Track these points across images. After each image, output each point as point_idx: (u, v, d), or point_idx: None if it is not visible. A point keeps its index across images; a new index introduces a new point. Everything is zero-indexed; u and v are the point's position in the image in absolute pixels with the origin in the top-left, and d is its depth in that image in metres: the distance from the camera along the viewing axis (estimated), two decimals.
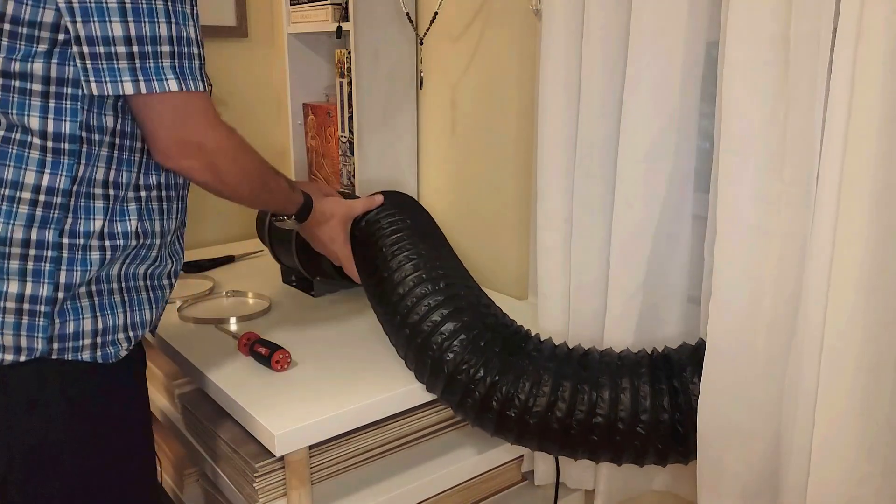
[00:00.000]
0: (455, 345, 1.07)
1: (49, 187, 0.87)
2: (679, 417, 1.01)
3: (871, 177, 0.79)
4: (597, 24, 1.07)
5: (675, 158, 1.07)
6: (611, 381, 1.03)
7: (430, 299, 1.11)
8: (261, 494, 1.10)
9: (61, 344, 0.90)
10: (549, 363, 1.06)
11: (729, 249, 0.95)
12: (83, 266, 0.90)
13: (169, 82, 0.86)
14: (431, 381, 1.11)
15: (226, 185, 0.99)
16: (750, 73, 0.89)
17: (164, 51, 0.86)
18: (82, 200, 0.90)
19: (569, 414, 1.02)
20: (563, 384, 1.03)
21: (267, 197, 1.10)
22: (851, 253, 0.82)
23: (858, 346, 0.83)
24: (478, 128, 1.54)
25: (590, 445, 1.04)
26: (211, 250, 1.85)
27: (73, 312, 0.91)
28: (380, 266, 1.18)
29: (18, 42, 0.84)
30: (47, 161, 0.87)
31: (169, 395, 1.41)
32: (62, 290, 0.89)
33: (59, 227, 0.88)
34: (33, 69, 0.84)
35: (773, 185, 0.90)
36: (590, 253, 1.17)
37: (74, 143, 0.87)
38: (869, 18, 0.77)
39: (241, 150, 0.99)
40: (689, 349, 1.06)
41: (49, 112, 0.86)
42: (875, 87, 0.77)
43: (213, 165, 0.95)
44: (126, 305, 0.97)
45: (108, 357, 0.95)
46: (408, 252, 1.17)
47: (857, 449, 0.85)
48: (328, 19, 1.63)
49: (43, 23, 0.83)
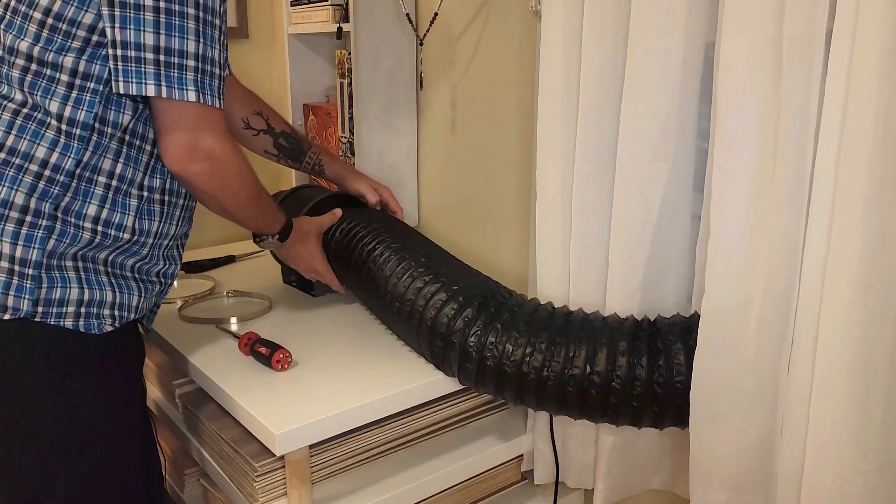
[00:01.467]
0: (437, 303, 1.14)
1: (56, 164, 0.95)
2: (658, 378, 1.02)
3: (866, 176, 0.80)
4: (596, 25, 1.07)
5: (674, 158, 1.07)
6: (588, 336, 1.06)
7: (414, 272, 1.20)
8: (261, 494, 1.10)
9: (46, 308, 0.96)
10: (528, 317, 1.10)
11: (721, 248, 0.96)
12: (72, 241, 0.97)
13: (189, 93, 0.94)
14: (421, 342, 1.18)
15: (227, 194, 1.05)
16: (743, 73, 0.90)
17: (189, 65, 0.94)
18: (84, 184, 0.97)
19: (544, 366, 1.05)
20: (539, 336, 1.07)
21: (258, 211, 1.15)
22: (846, 251, 0.83)
23: (852, 344, 0.84)
24: (478, 128, 1.54)
25: (566, 399, 1.06)
26: (212, 250, 1.86)
27: (60, 280, 0.97)
28: (370, 265, 1.27)
29: (56, 35, 0.93)
30: (60, 141, 0.95)
31: (169, 394, 1.41)
32: (49, 257, 0.95)
33: (57, 203, 0.95)
34: (64, 62, 0.93)
35: (766, 184, 0.91)
36: (589, 252, 1.17)
37: (86, 130, 0.95)
38: (864, 18, 0.77)
39: (245, 163, 1.06)
40: (681, 319, 1.08)
41: (70, 100, 0.94)
42: (870, 87, 0.78)
43: (220, 173, 1.02)
44: (114, 287, 1.03)
45: (90, 328, 1.00)
46: (388, 245, 1.27)
47: (851, 446, 0.86)
48: (328, 20, 1.64)
49: (82, 23, 0.92)
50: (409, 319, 1.18)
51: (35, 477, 0.98)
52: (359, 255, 1.29)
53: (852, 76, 0.80)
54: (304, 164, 1.48)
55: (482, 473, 1.31)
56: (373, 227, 1.33)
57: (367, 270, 1.27)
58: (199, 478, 1.46)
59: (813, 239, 0.87)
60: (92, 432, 1.01)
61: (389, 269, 1.23)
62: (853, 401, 0.85)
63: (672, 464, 1.23)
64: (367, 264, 1.27)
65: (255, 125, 1.42)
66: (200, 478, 1.46)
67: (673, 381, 1.02)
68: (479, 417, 1.35)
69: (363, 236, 1.31)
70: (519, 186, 1.46)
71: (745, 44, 0.89)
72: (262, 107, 1.43)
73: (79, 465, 1.00)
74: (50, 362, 0.97)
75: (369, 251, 1.28)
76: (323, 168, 1.50)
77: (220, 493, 1.31)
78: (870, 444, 0.86)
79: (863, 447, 0.86)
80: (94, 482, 1.02)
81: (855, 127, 0.80)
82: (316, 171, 1.50)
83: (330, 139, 1.80)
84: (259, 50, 2.05)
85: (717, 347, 0.98)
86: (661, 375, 1.02)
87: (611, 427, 1.19)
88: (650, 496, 1.34)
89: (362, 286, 1.29)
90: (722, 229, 0.96)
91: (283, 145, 1.45)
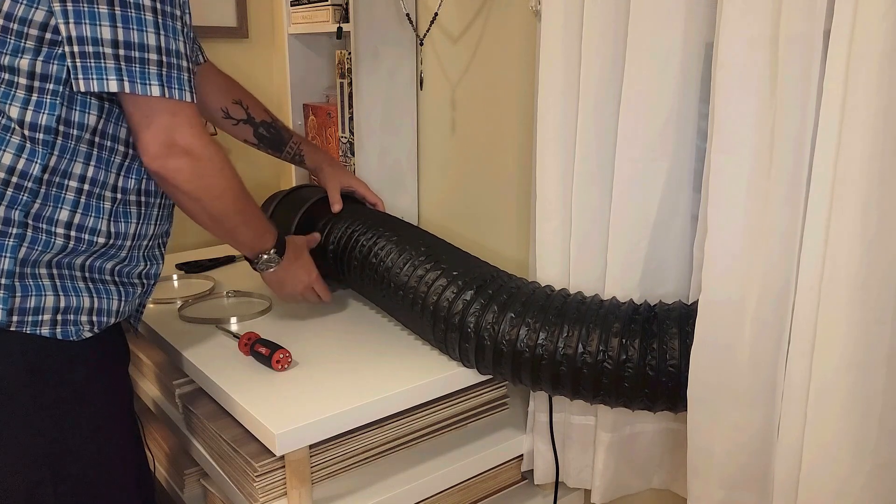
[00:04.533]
0: (438, 289, 1.16)
1: (23, 171, 0.91)
2: (650, 361, 1.03)
3: (864, 175, 0.80)
4: (596, 25, 1.07)
5: (673, 158, 1.07)
6: (582, 318, 1.06)
7: (415, 261, 1.21)
8: (261, 494, 1.10)
9: (20, 317, 0.93)
10: (525, 299, 1.11)
11: (718, 247, 0.97)
12: (45, 248, 0.94)
13: (152, 87, 0.90)
14: (425, 328, 1.20)
15: (211, 195, 1.01)
16: (741, 73, 0.91)
17: (151, 58, 0.90)
18: (53, 189, 0.94)
19: (538, 345, 1.06)
20: (535, 316, 1.08)
21: (246, 217, 1.10)
22: (842, 251, 0.83)
23: (850, 344, 0.84)
24: (478, 128, 1.54)
25: (559, 378, 1.07)
26: (212, 250, 1.86)
27: (35, 288, 0.94)
28: (372, 260, 1.28)
29: (9, 37, 0.89)
30: (25, 147, 0.91)
31: (169, 394, 1.41)
32: (21, 265, 0.93)
33: (26, 210, 0.92)
34: (20, 64, 0.89)
35: (763, 183, 0.91)
36: (588, 252, 1.17)
37: (49, 133, 0.91)
38: (862, 19, 0.77)
39: (227, 164, 1.02)
40: (680, 305, 1.09)
41: (30, 104, 0.90)
42: (868, 86, 0.78)
43: (201, 170, 0.98)
44: (92, 293, 1.00)
45: (67, 335, 0.97)
46: (388, 239, 1.28)
47: (848, 445, 0.86)
48: (328, 20, 1.64)
49: (33, 21, 0.88)
50: (413, 306, 1.20)
51: (23, 488, 0.96)
52: (359, 252, 1.31)
53: (850, 76, 0.80)
54: (284, 154, 1.48)
55: (482, 473, 1.31)
56: (370, 224, 1.34)
57: (369, 265, 1.28)
58: (199, 478, 1.46)
59: (810, 238, 0.87)
60: (79, 440, 0.99)
61: (391, 260, 1.25)
62: (851, 399, 0.85)
63: (671, 463, 1.23)
64: (368, 259, 1.29)
65: (235, 114, 1.40)
66: (200, 478, 1.46)
67: (666, 365, 1.03)
68: (479, 417, 1.35)
69: (362, 233, 1.33)
70: (519, 186, 1.46)
71: (743, 43, 0.90)
72: (242, 95, 1.41)
73: (67, 474, 0.98)
74: (31, 372, 0.95)
75: (370, 246, 1.29)
76: (303, 158, 1.49)
77: (220, 493, 1.31)
78: (867, 443, 0.86)
79: (860, 446, 0.86)
80: (84, 490, 1.00)
81: (852, 126, 0.80)
82: (297, 160, 1.50)
83: (330, 139, 1.80)
84: (259, 50, 2.04)
85: (713, 345, 0.99)
86: (654, 358, 1.03)
87: (610, 426, 1.19)
88: (649, 495, 1.34)
89: (367, 281, 1.31)
90: (719, 228, 0.96)
91: (264, 135, 1.44)
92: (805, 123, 0.86)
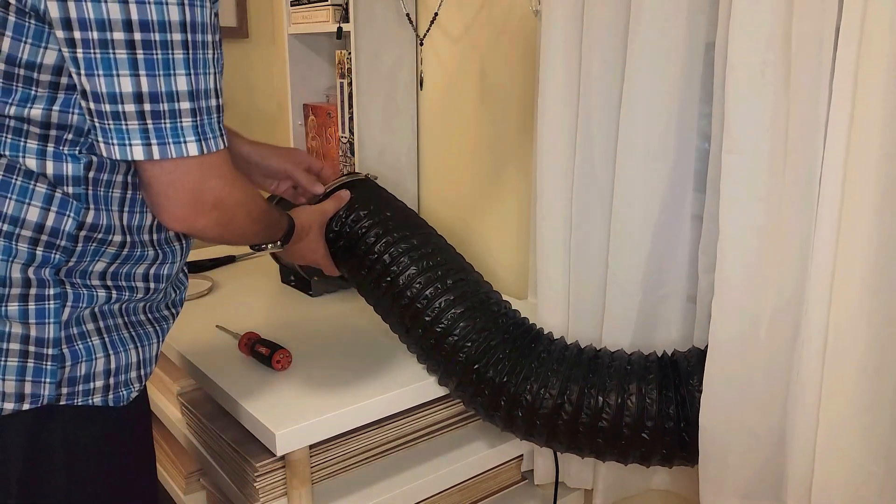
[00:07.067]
0: (467, 345, 1.08)
1: (53, 228, 0.78)
2: (685, 427, 1.02)
3: (875, 176, 0.79)
4: (596, 25, 1.07)
5: (674, 158, 1.07)
6: (618, 386, 1.03)
7: (441, 300, 1.10)
8: (261, 494, 1.10)
9: (71, 388, 0.81)
10: (557, 365, 1.06)
11: (731, 249, 0.95)
12: (89, 303, 0.82)
13: (188, 146, 0.74)
14: (444, 379, 1.13)
15: (236, 235, 0.89)
16: (752, 73, 0.89)
17: (182, 108, 0.74)
18: (92, 245, 0.82)
19: (575, 417, 1.03)
20: (570, 387, 1.04)
21: (263, 232, 1.00)
22: (855, 253, 0.82)
23: (862, 346, 0.83)
24: (478, 128, 1.54)
25: (596, 447, 1.04)
26: (212, 250, 1.85)
27: (85, 352, 0.82)
28: (379, 272, 1.15)
29: (15, 84, 0.73)
30: (55, 198, 0.77)
31: (169, 394, 1.41)
32: (66, 328, 0.80)
33: (58, 267, 0.80)
34: (31, 115, 0.74)
35: (775, 185, 0.90)
36: (589, 253, 1.17)
37: (79, 186, 0.78)
38: (872, 18, 0.77)
39: (252, 196, 0.89)
40: (697, 354, 1.06)
41: (46, 155, 0.76)
42: (879, 86, 0.77)
43: (229, 219, 0.84)
44: (136, 340, 0.89)
45: (119, 400, 0.87)
46: (403, 251, 1.14)
47: (861, 449, 0.86)
48: (328, 20, 1.64)
49: (43, 65, 0.72)
50: (434, 352, 1.13)
51: None
52: (374, 261, 1.17)
53: (860, 75, 0.79)
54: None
55: (482, 473, 1.31)
56: (379, 227, 1.18)
57: (382, 281, 1.15)
58: (199, 478, 1.46)
59: (822, 240, 0.86)
60: None
61: (412, 290, 1.12)
62: (864, 403, 0.85)
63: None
64: (381, 276, 1.15)
65: None
66: (200, 478, 1.46)
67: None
68: (479, 417, 1.35)
69: (373, 238, 1.17)
70: (519, 186, 1.46)
71: (753, 43, 0.88)
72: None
73: None
74: (69, 453, 0.82)
75: (385, 260, 1.15)
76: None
77: (221, 493, 1.31)
78: (880, 447, 0.85)
79: (873, 450, 0.85)
80: None
81: (864, 127, 0.79)
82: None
83: (330, 139, 1.80)
84: (259, 50, 2.05)
85: (728, 351, 0.97)
86: (689, 424, 1.02)
87: None
88: (650, 496, 1.34)
89: (377, 293, 1.18)
90: (731, 231, 0.94)
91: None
92: (816, 123, 0.84)
